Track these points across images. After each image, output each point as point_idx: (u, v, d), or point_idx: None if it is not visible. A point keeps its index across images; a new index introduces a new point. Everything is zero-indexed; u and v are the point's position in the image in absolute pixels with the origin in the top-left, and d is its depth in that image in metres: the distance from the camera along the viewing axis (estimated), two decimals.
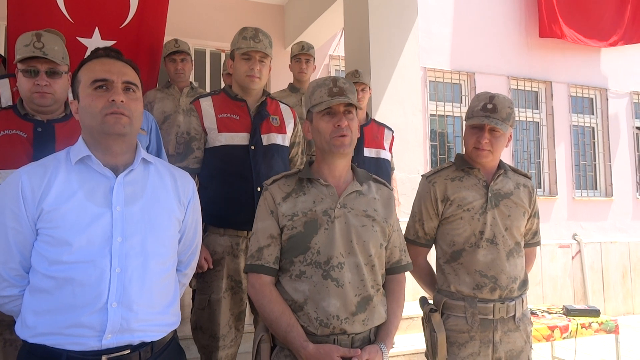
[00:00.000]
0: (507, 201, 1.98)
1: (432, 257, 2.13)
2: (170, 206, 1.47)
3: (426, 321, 1.96)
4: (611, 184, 7.00)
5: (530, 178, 2.11)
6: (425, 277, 2.11)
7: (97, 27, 3.38)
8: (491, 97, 1.94)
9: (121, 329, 1.31)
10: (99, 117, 1.35)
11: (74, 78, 1.44)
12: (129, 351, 1.32)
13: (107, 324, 1.28)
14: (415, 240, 2.08)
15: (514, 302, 1.93)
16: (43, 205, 1.32)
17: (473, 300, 1.91)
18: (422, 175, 2.13)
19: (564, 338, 3.44)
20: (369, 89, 3.44)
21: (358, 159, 3.18)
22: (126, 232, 1.35)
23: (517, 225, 1.98)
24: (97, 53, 1.45)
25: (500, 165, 2.04)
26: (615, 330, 3.57)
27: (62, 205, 1.33)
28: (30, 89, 1.89)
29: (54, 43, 1.93)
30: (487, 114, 1.91)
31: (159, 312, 1.40)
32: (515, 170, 2.10)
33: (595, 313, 3.62)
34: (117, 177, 1.39)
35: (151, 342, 1.37)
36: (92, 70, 1.39)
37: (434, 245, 2.11)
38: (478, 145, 1.94)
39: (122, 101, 1.35)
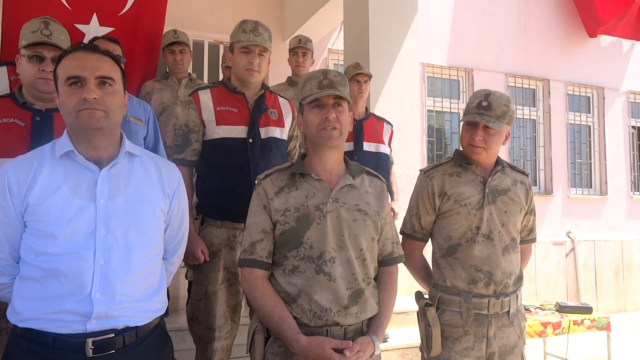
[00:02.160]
0: (504, 197, 1.99)
1: (428, 252, 2.14)
2: (155, 198, 1.49)
3: (421, 315, 1.97)
4: (606, 182, 7.04)
5: (527, 175, 2.12)
6: (421, 271, 2.12)
7: (95, 13, 3.35)
8: (487, 95, 1.94)
9: (106, 316, 1.34)
10: (73, 113, 1.38)
11: (53, 73, 1.46)
12: (113, 335, 1.36)
13: (93, 313, 1.32)
14: (412, 235, 2.09)
15: (508, 298, 1.95)
16: (29, 199, 1.36)
17: (468, 295, 1.92)
18: (420, 170, 2.13)
19: (557, 334, 3.47)
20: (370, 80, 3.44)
21: (357, 153, 3.19)
22: (110, 224, 1.38)
23: (513, 222, 1.99)
24: (73, 47, 1.46)
25: (498, 161, 2.05)
26: (607, 327, 3.60)
27: (47, 199, 1.36)
28: (34, 74, 1.90)
29: (60, 32, 1.96)
30: (481, 112, 1.92)
31: (143, 300, 1.43)
32: (512, 167, 2.11)
33: (587, 310, 3.65)
34: (101, 170, 1.41)
35: (135, 326, 1.41)
36: (66, 66, 1.40)
37: (430, 239, 2.12)
38: (472, 142, 1.95)
39: (94, 98, 1.37)
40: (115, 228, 1.38)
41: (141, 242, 1.43)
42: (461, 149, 2.07)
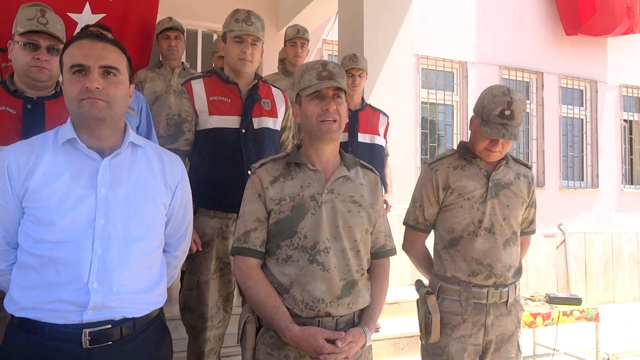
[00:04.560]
0: (506, 191, 2.00)
1: (429, 241, 2.16)
2: (156, 190, 1.48)
3: (422, 303, 1.99)
4: (597, 175, 7.09)
5: (530, 168, 2.13)
6: (423, 261, 2.14)
7: (87, 2, 3.33)
8: (509, 103, 1.87)
9: (103, 306, 1.33)
10: (75, 102, 1.36)
11: (60, 60, 1.44)
12: (110, 326, 1.35)
13: (89, 303, 1.31)
14: (415, 226, 2.10)
15: (507, 289, 1.98)
16: (29, 184, 1.34)
17: (468, 285, 1.95)
18: (424, 162, 2.14)
19: (546, 325, 3.51)
20: (366, 74, 3.43)
21: (352, 144, 3.18)
22: (109, 214, 1.36)
23: (515, 215, 2.01)
24: (80, 34, 1.45)
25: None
26: (595, 318, 3.65)
27: (48, 186, 1.34)
28: (29, 62, 1.88)
29: (56, 21, 1.94)
30: (504, 122, 1.87)
31: (141, 292, 1.41)
32: (516, 160, 2.11)
33: (577, 301, 3.70)
34: (103, 159, 1.40)
35: (133, 318, 1.39)
36: (71, 54, 1.39)
37: (432, 230, 2.13)
38: (491, 148, 1.93)
39: (97, 88, 1.35)
40: (115, 218, 1.37)
41: (141, 233, 1.41)
42: (466, 140, 2.06)
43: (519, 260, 2.05)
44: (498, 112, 1.88)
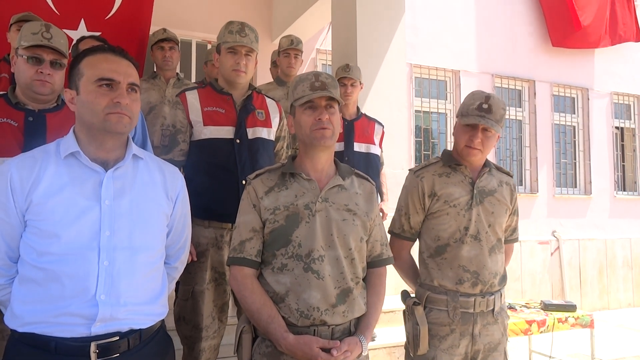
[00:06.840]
0: (491, 198, 2.01)
1: (414, 250, 2.16)
2: (158, 201, 1.49)
3: (409, 314, 1.98)
4: (590, 182, 7.13)
5: (512, 176, 2.16)
6: (408, 271, 2.14)
7: (82, 19, 3.36)
8: (487, 97, 1.95)
9: (111, 318, 1.33)
10: (101, 115, 1.36)
11: (73, 68, 1.43)
12: (117, 338, 1.35)
13: (97, 315, 1.31)
14: (400, 234, 2.10)
15: (493, 297, 1.98)
16: (32, 197, 1.34)
17: (455, 295, 1.95)
18: (409, 170, 2.14)
19: (541, 332, 3.52)
20: (360, 83, 3.45)
21: (348, 153, 3.20)
22: (114, 225, 1.37)
23: (499, 222, 2.02)
24: (101, 46, 1.45)
25: (486, 163, 2.07)
26: (590, 324, 3.66)
27: (51, 198, 1.34)
28: (32, 76, 1.90)
29: (60, 37, 1.97)
30: (482, 114, 1.92)
31: (147, 303, 1.42)
32: (498, 168, 2.14)
33: (571, 308, 3.71)
34: (106, 171, 1.40)
35: (140, 329, 1.40)
36: (97, 67, 1.38)
37: (417, 239, 2.13)
38: (470, 144, 1.95)
39: (127, 104, 1.37)
40: (120, 229, 1.37)
41: (146, 243, 1.42)
42: (450, 149, 2.08)
43: (503, 268, 2.06)
44: (476, 105, 1.94)
